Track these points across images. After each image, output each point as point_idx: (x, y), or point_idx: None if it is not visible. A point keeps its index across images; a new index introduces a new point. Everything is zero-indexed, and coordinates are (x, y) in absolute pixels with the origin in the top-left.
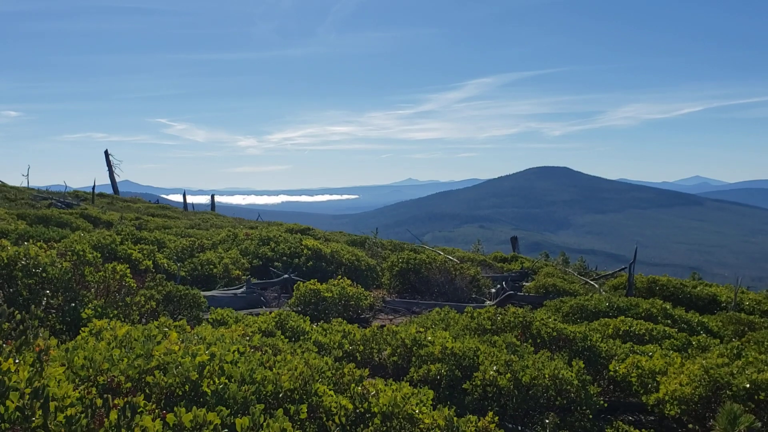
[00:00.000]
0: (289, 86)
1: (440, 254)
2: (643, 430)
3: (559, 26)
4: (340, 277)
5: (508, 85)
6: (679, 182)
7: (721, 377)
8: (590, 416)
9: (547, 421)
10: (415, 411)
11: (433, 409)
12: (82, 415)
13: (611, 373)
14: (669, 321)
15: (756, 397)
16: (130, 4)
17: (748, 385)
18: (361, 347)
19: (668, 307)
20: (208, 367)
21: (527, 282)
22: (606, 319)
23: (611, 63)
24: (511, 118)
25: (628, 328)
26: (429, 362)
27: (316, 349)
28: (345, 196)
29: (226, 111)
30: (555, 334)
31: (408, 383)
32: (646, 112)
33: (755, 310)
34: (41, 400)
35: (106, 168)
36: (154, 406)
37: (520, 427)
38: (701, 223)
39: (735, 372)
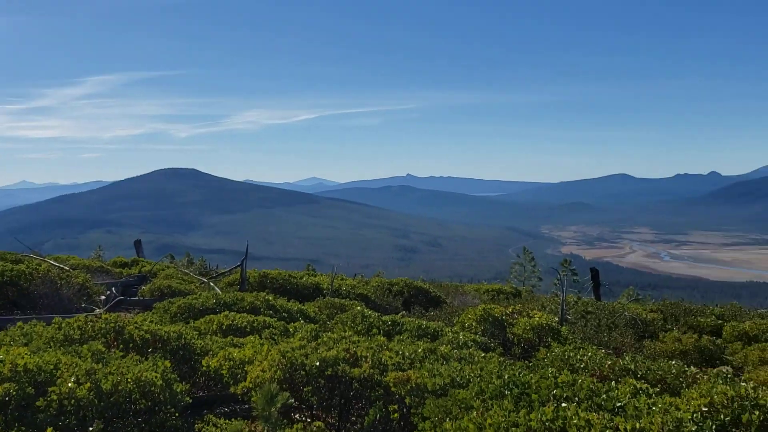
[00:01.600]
0: None
1: (47, 262)
2: (232, 419)
3: (176, 29)
4: None
5: (131, 84)
6: (299, 183)
7: (296, 359)
8: (176, 414)
9: (90, 428)
10: None
11: None
12: None
13: (204, 368)
14: (271, 311)
15: (326, 372)
16: None
17: (318, 363)
18: None
19: (271, 298)
20: None
21: (146, 285)
22: (212, 315)
23: (231, 68)
24: (136, 118)
25: (230, 322)
26: None
27: None
28: None
29: None
30: (148, 336)
31: None
32: (267, 117)
33: (350, 294)
34: None
35: None
36: None
37: None
38: (317, 219)
39: (309, 353)
